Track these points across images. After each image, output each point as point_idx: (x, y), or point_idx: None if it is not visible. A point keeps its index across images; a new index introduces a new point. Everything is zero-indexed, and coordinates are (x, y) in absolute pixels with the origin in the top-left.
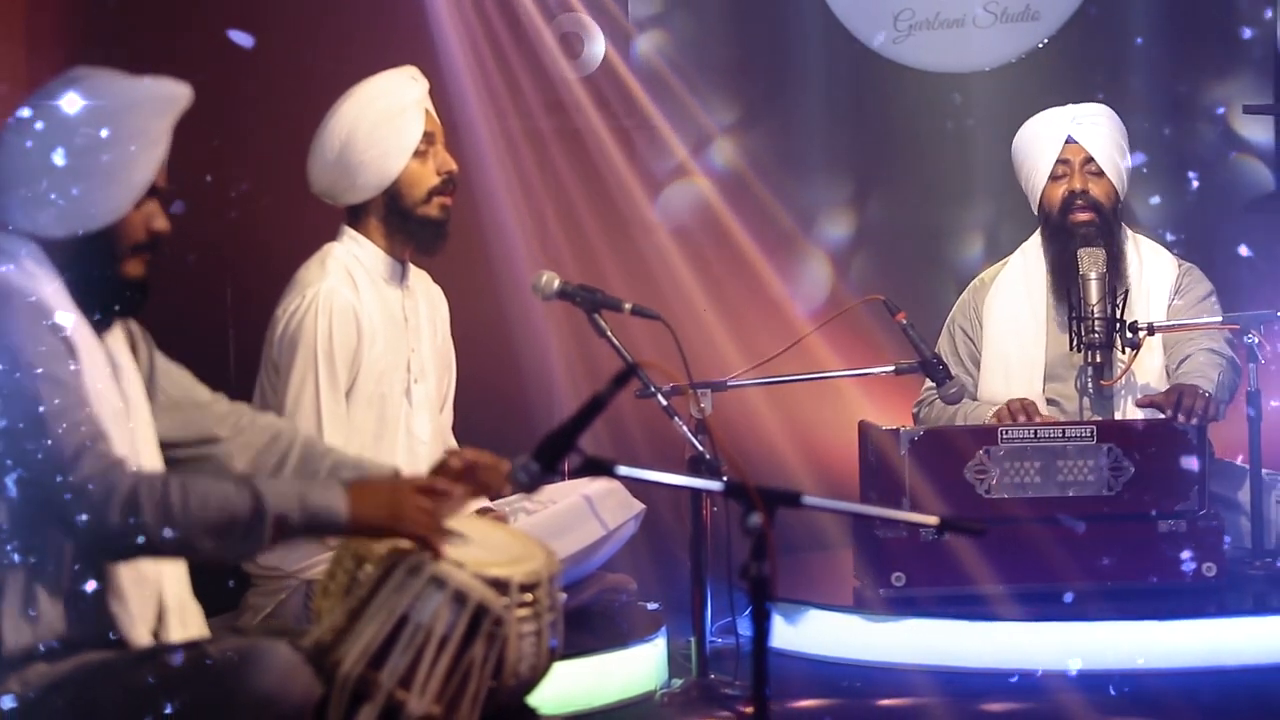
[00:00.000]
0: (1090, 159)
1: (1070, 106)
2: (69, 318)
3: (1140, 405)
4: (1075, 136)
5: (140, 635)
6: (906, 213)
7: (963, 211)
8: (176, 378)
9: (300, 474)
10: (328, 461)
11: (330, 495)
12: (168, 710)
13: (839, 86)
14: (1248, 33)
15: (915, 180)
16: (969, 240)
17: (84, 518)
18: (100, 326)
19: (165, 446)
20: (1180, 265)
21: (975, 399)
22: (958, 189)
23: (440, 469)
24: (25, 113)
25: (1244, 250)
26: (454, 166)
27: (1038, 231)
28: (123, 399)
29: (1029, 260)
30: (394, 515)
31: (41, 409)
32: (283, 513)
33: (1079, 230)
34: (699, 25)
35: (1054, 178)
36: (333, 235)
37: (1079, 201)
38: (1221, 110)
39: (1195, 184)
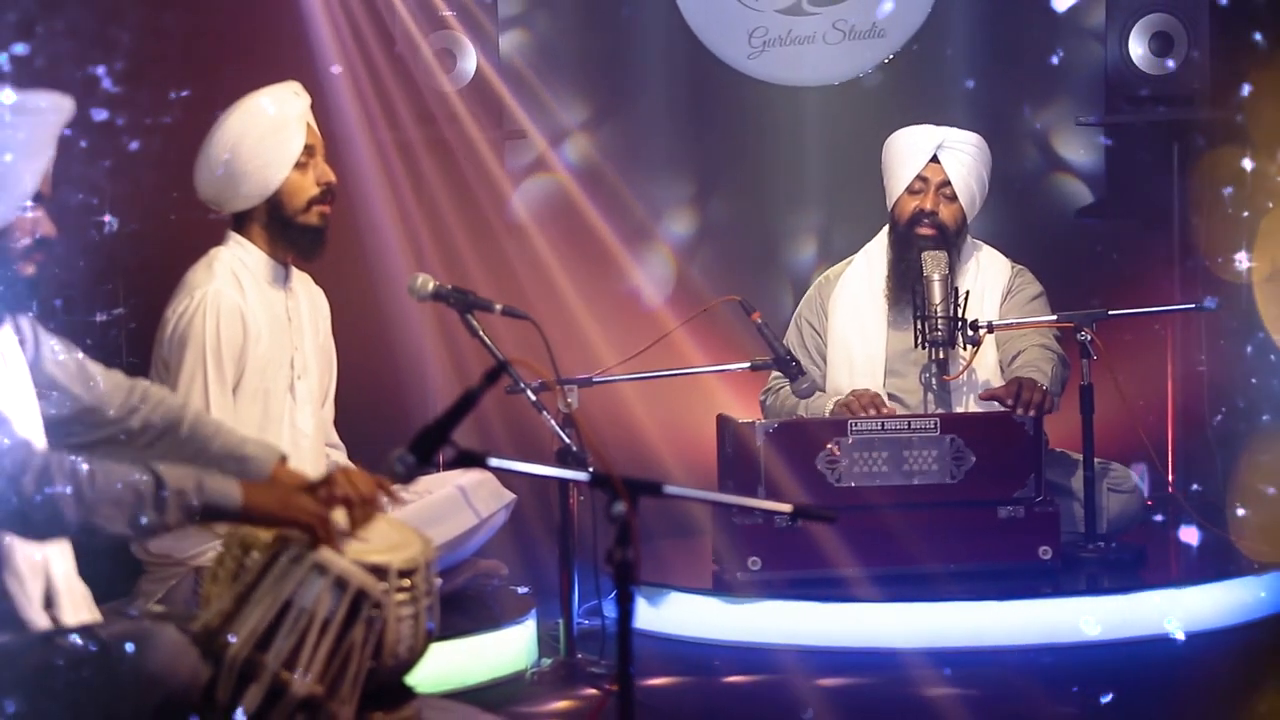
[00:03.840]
0: (948, 182)
1: (943, 129)
2: None
3: (982, 399)
4: (940, 158)
5: (36, 614)
6: (747, 214)
7: (800, 216)
8: (65, 362)
9: (190, 447)
10: (218, 442)
11: (226, 483)
12: (60, 690)
13: (695, 97)
14: (1065, 52)
15: (755, 184)
16: (804, 242)
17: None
18: None
19: (60, 433)
20: (1013, 268)
21: (822, 390)
22: (801, 194)
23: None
24: None
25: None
26: (333, 178)
27: (882, 233)
28: (12, 391)
29: (872, 261)
30: (284, 505)
31: None
32: (182, 489)
33: (918, 243)
34: (559, 33)
35: (911, 191)
36: (218, 239)
37: (925, 220)
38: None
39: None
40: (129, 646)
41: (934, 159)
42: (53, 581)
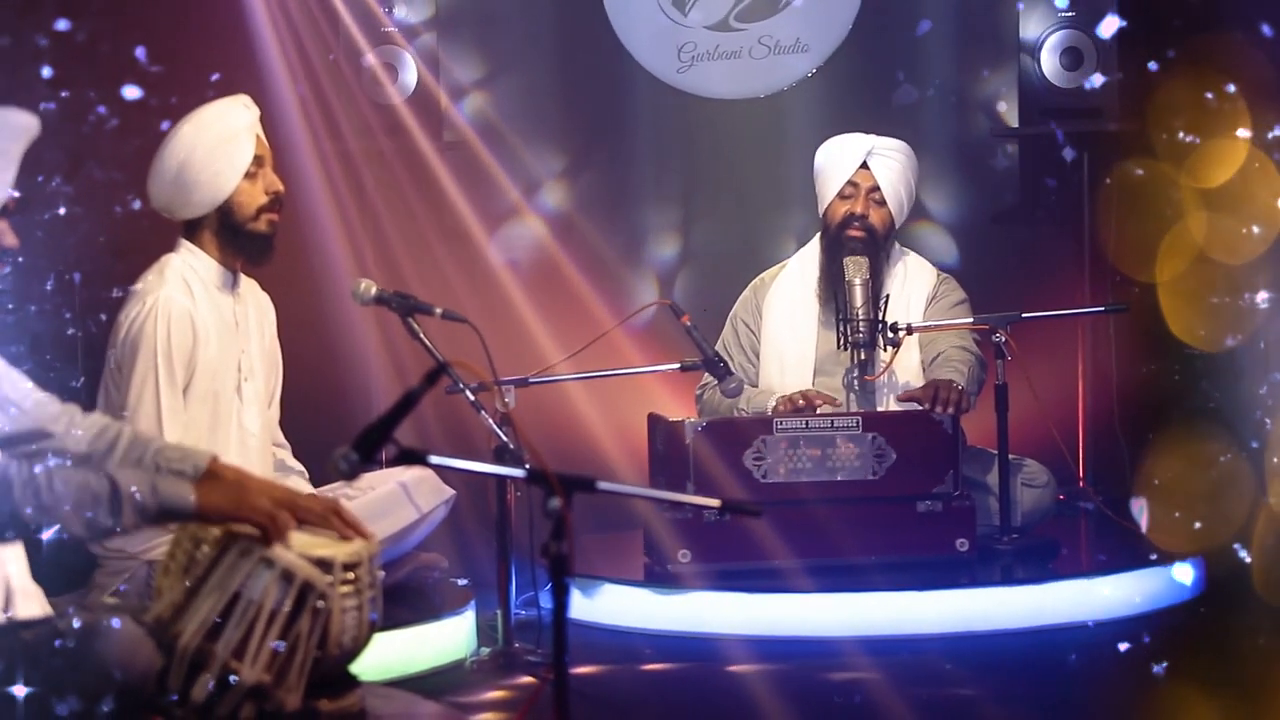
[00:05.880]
0: (877, 187)
1: (872, 136)
2: None
3: (901, 400)
4: (869, 164)
5: None
6: (685, 221)
7: (739, 221)
8: (13, 380)
9: (127, 460)
10: (152, 448)
11: (180, 484)
12: (20, 681)
13: (628, 108)
14: (979, 66)
15: (689, 192)
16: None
17: None
18: None
19: (7, 449)
20: (939, 275)
21: (756, 385)
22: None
23: None
24: None
25: None
26: (281, 187)
27: (816, 238)
28: None
29: (805, 265)
30: (237, 503)
31: None
32: (136, 492)
33: (849, 245)
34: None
35: (841, 196)
36: (171, 244)
37: (855, 223)
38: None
39: None
40: (87, 638)
41: (864, 165)
42: (8, 580)
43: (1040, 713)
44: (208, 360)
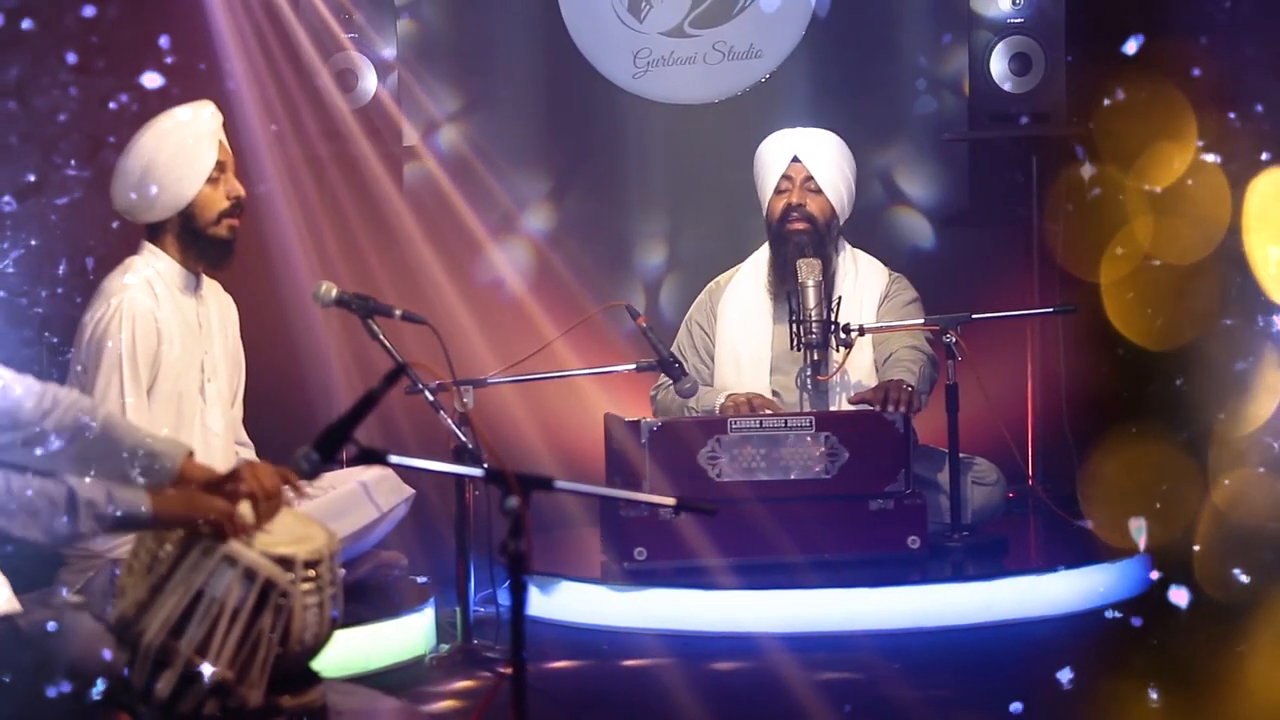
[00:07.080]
0: (811, 177)
1: (799, 130)
2: None
3: (853, 402)
4: (800, 156)
5: None
6: (645, 223)
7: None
8: None
9: (100, 448)
10: (128, 440)
11: (134, 493)
12: None
13: (583, 114)
14: (931, 71)
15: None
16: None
17: None
18: None
19: None
20: (890, 275)
21: (711, 385)
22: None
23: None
24: None
25: None
26: (242, 192)
27: (767, 242)
28: None
29: (758, 267)
30: (190, 507)
31: None
32: (93, 499)
33: (793, 238)
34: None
35: (778, 191)
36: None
37: (794, 214)
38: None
39: None
40: (50, 635)
41: (795, 159)
42: None
43: (990, 708)
44: (171, 361)
